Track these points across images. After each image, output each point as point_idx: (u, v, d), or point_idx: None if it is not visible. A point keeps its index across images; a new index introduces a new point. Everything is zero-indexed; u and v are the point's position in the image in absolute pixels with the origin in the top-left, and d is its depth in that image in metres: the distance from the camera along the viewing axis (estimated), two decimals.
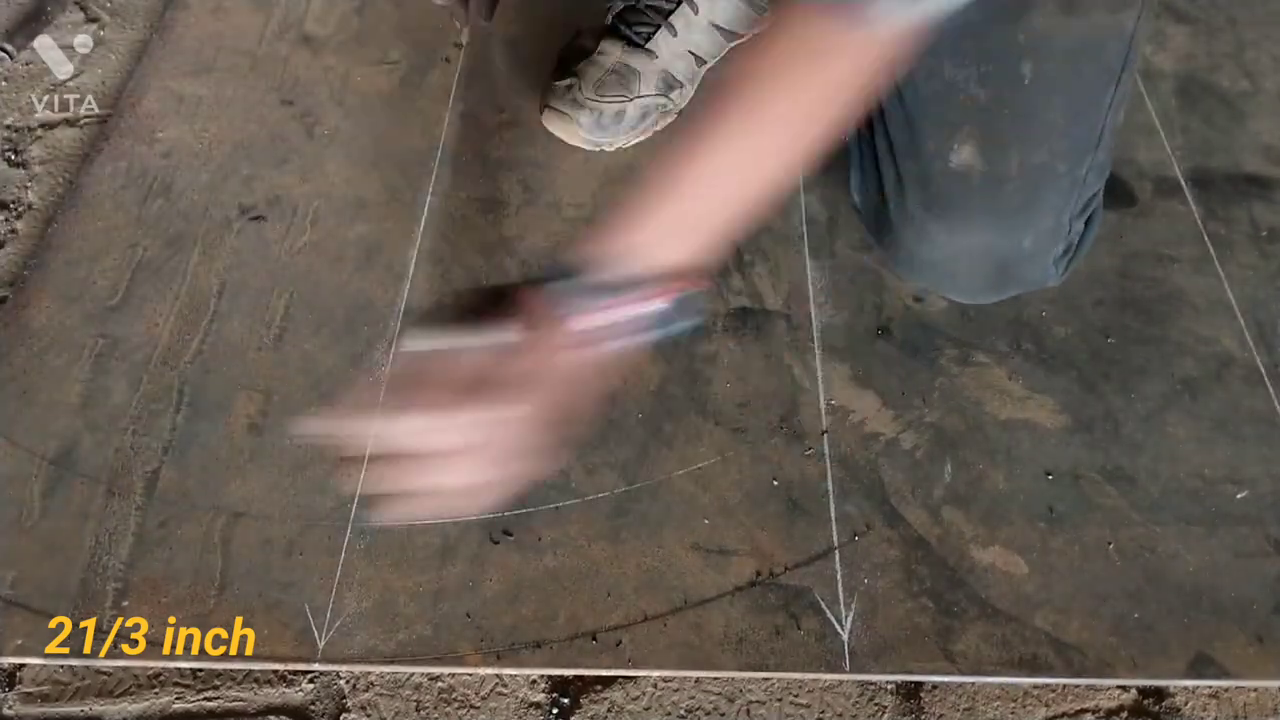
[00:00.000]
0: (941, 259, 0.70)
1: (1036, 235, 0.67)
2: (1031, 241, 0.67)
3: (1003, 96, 0.64)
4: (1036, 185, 0.66)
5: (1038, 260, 0.69)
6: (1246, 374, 0.72)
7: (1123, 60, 0.65)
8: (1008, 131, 0.62)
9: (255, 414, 0.69)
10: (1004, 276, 0.70)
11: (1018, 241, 0.67)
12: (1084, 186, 0.68)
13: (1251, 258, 0.79)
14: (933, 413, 0.70)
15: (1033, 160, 0.65)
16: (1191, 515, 0.65)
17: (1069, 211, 0.68)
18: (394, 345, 0.48)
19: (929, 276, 0.72)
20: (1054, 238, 0.68)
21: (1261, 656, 0.59)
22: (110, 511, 0.65)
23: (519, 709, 0.59)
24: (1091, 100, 0.65)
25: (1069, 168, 0.66)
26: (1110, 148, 0.69)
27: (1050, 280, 0.71)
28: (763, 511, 0.65)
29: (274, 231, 0.80)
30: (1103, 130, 0.67)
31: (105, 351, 0.73)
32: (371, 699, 0.59)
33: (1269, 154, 0.86)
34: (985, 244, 0.67)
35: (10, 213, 0.83)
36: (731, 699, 0.59)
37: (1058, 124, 0.65)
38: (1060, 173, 0.66)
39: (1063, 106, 0.64)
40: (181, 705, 0.59)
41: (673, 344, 0.73)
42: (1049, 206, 0.67)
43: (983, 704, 0.59)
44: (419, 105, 0.90)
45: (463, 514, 0.50)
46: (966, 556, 0.63)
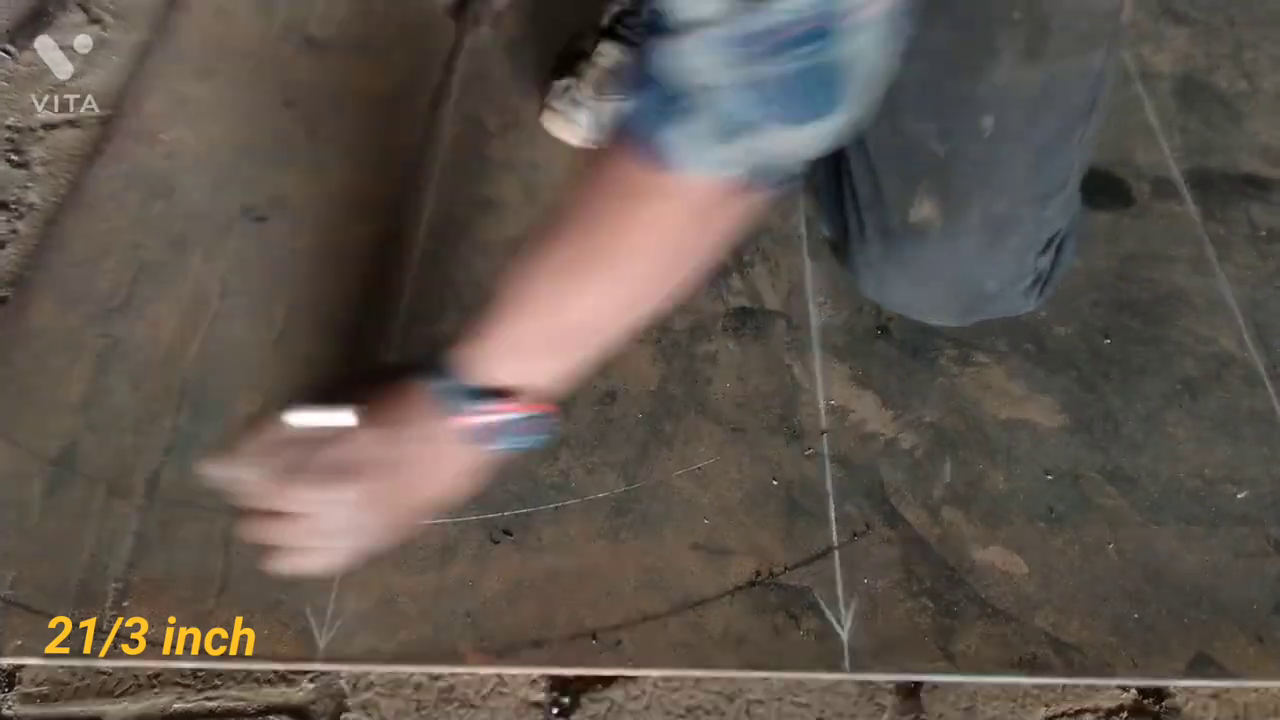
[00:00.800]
0: (905, 301, 0.71)
1: (999, 278, 0.67)
2: (995, 283, 0.67)
3: (963, 150, 0.62)
4: (997, 233, 0.65)
5: (1003, 297, 0.69)
6: (1246, 374, 0.72)
7: (1091, 99, 0.62)
8: (969, 185, 0.61)
9: (257, 414, 0.69)
10: (971, 311, 0.71)
11: (979, 286, 0.67)
12: (1049, 225, 0.67)
13: (1250, 258, 0.79)
14: (932, 413, 0.70)
15: (994, 210, 0.64)
16: (1191, 515, 0.65)
17: (1033, 251, 0.67)
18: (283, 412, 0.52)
19: (899, 309, 0.73)
20: (1017, 277, 0.68)
21: (1261, 656, 0.59)
22: (110, 511, 0.65)
23: (519, 708, 0.59)
24: (1057, 144, 0.63)
25: (1033, 212, 0.65)
26: (1079, 180, 0.67)
27: (1024, 308, 0.71)
28: (763, 511, 0.65)
29: (276, 232, 0.81)
30: (1070, 171, 0.65)
31: (107, 352, 0.73)
32: (372, 699, 0.59)
33: (1267, 154, 0.86)
34: (946, 289, 0.67)
35: (12, 213, 0.83)
36: (731, 698, 0.59)
37: (1019, 174, 0.63)
38: (1023, 218, 0.65)
39: (1026, 155, 0.62)
40: (181, 705, 0.59)
41: (672, 345, 0.74)
42: (1009, 251, 0.66)
43: (983, 704, 0.59)
44: (419, 106, 0.90)
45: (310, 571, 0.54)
46: (966, 556, 0.63)
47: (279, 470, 0.51)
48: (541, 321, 0.51)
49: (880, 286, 0.71)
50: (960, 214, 0.63)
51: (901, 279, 0.69)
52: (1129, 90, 0.91)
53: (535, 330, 0.52)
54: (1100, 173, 0.84)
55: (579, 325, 0.52)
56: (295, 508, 0.51)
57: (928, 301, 0.69)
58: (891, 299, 0.72)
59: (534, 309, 0.51)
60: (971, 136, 0.61)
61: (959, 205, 0.62)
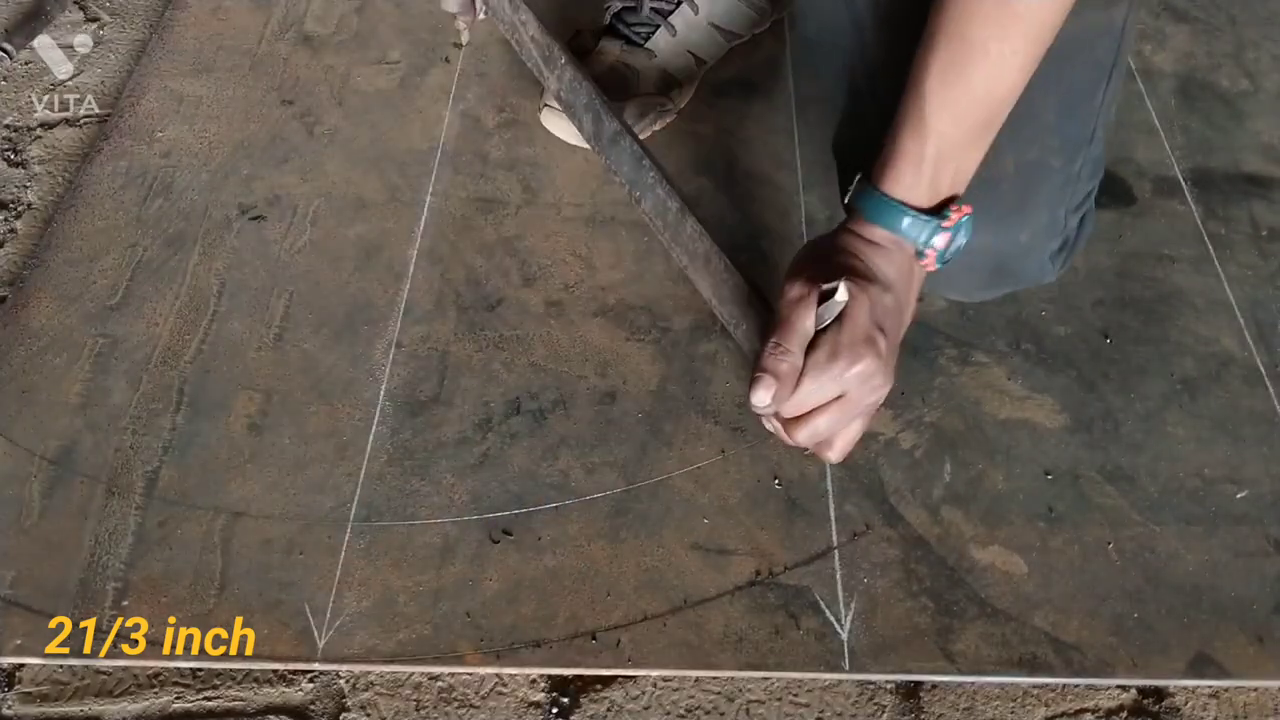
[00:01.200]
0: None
1: (1033, 231, 0.67)
2: (1028, 237, 0.67)
3: None
4: (1031, 182, 0.66)
5: (1034, 256, 0.69)
6: (1246, 374, 0.72)
7: (1114, 55, 0.65)
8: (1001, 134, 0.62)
9: (255, 414, 0.69)
10: (1000, 274, 0.70)
11: (1014, 237, 0.67)
12: (1079, 181, 0.68)
13: (1251, 258, 0.79)
14: (932, 412, 0.70)
15: (1026, 158, 0.65)
16: (1191, 515, 0.65)
17: (1064, 206, 0.68)
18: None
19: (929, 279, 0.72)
20: (1050, 233, 0.68)
21: (1261, 656, 0.59)
22: (110, 511, 0.65)
23: (519, 708, 0.59)
24: (1084, 96, 0.66)
25: (1063, 163, 0.66)
26: (1103, 143, 0.69)
27: (1047, 276, 0.71)
28: (762, 511, 0.65)
29: (274, 231, 0.80)
30: (1096, 126, 0.67)
31: (105, 351, 0.73)
32: (371, 698, 0.59)
33: (1269, 154, 0.86)
34: (982, 243, 0.67)
35: (10, 212, 0.83)
36: (731, 698, 0.59)
37: (1050, 122, 0.65)
38: (1055, 168, 0.66)
39: (1055, 105, 0.65)
40: (181, 705, 0.59)
41: (672, 345, 0.73)
42: (1044, 202, 0.67)
43: (982, 704, 0.59)
44: (419, 105, 0.90)
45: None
46: (966, 556, 0.63)
47: (820, 369, 0.54)
48: (958, 111, 0.55)
49: None
50: (994, 162, 0.63)
51: None
52: (1130, 88, 0.90)
53: (956, 122, 0.55)
54: None
55: (988, 101, 0.56)
56: (835, 392, 0.54)
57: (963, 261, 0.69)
58: None
59: (946, 102, 0.55)
60: None
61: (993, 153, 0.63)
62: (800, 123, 0.89)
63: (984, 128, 0.57)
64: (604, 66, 0.83)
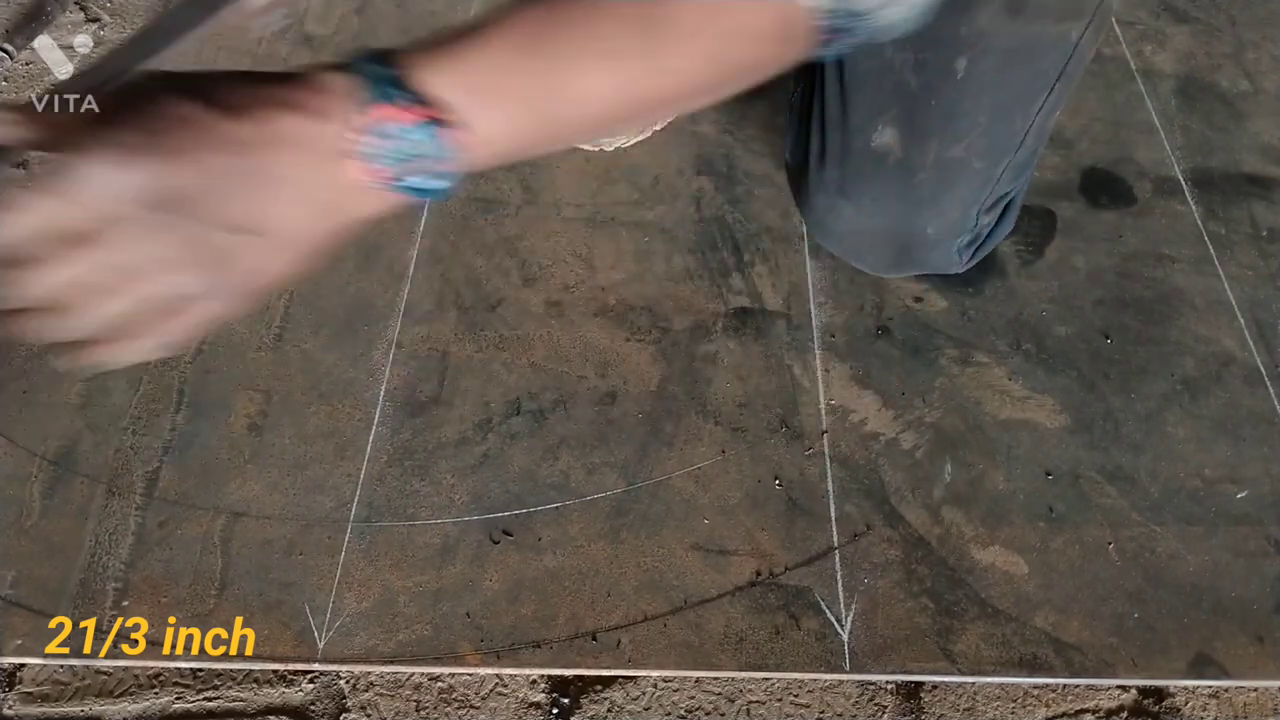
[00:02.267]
0: (848, 232, 0.70)
1: (940, 224, 0.67)
2: (934, 230, 0.68)
3: (933, 86, 0.64)
4: (948, 178, 0.66)
5: (940, 248, 0.69)
6: (1246, 374, 0.72)
7: (1060, 68, 0.64)
8: (931, 123, 0.63)
9: (255, 414, 0.69)
10: (905, 257, 0.70)
11: (921, 227, 0.67)
12: (997, 184, 0.68)
13: (1251, 258, 0.79)
14: (933, 413, 0.70)
15: (949, 154, 0.65)
16: (1192, 515, 0.65)
17: (977, 206, 0.68)
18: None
19: (837, 246, 0.73)
20: (958, 228, 0.68)
21: (1261, 656, 0.59)
22: (110, 511, 0.65)
23: (519, 709, 0.59)
24: (1020, 103, 0.65)
25: (985, 165, 0.66)
26: (1034, 151, 0.69)
27: (954, 267, 0.71)
28: (763, 511, 0.65)
29: None
30: (1026, 133, 0.67)
31: None
32: (371, 699, 0.59)
33: (1269, 154, 0.86)
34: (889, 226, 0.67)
35: None
36: (731, 699, 0.59)
37: (981, 122, 0.65)
38: (975, 169, 0.66)
39: (989, 106, 0.64)
40: (181, 705, 0.59)
41: (672, 345, 0.73)
42: (957, 199, 0.67)
43: (983, 704, 0.59)
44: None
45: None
46: (966, 556, 0.63)
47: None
48: (532, 63, 0.39)
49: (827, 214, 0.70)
50: (918, 149, 0.63)
51: (848, 208, 0.68)
52: (1130, 89, 0.90)
53: (517, 68, 0.39)
54: (1102, 171, 0.84)
55: (580, 84, 0.40)
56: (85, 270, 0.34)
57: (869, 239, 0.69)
58: (834, 231, 0.71)
59: (531, 46, 0.39)
60: (944, 74, 0.63)
61: (919, 140, 0.63)
62: None
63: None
64: None
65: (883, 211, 0.66)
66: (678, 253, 0.79)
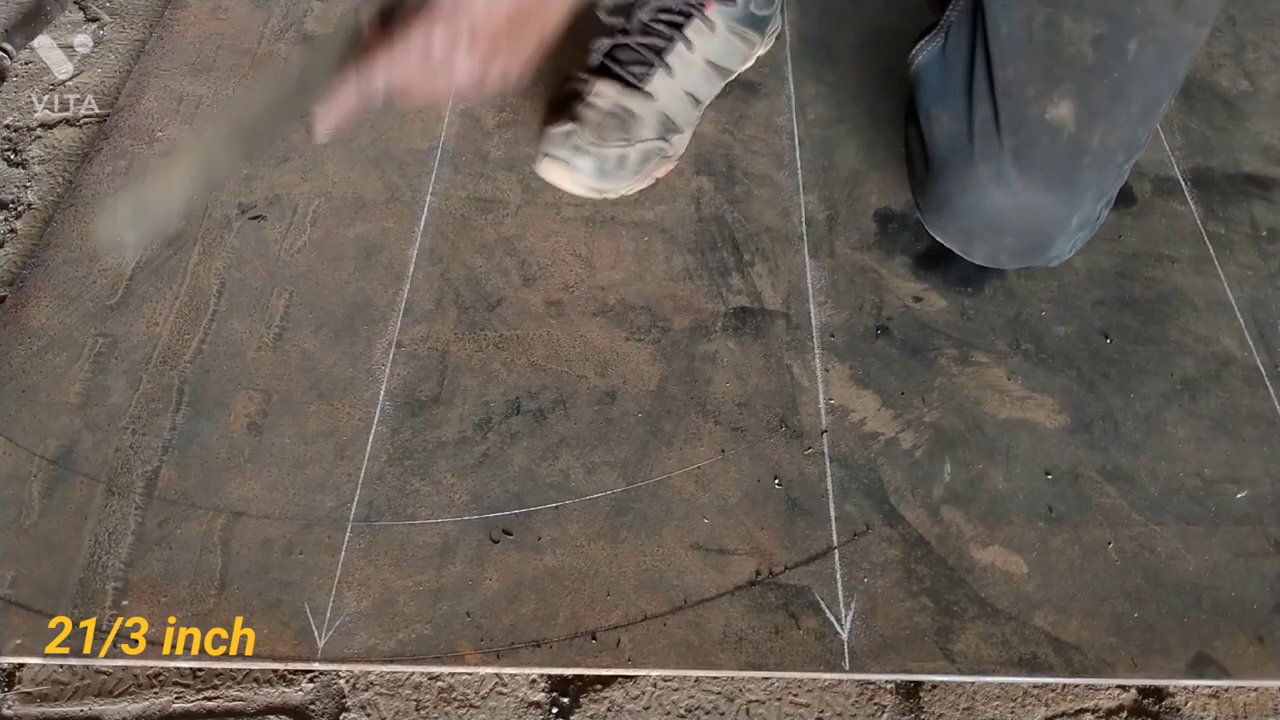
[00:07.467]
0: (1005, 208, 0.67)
1: (1083, 213, 0.67)
2: (1079, 218, 0.67)
3: (1107, 65, 0.64)
4: (1102, 165, 0.66)
5: (1072, 239, 0.69)
6: (1246, 374, 0.72)
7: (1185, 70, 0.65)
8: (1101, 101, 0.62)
9: (255, 413, 0.69)
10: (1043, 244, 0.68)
11: (1069, 215, 0.66)
12: (1121, 180, 0.68)
13: (1251, 258, 0.79)
14: (932, 412, 0.70)
15: (1109, 139, 0.65)
16: (1191, 515, 0.65)
17: (1106, 198, 0.68)
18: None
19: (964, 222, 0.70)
20: (1087, 219, 0.68)
21: (1261, 656, 0.59)
22: (110, 511, 0.65)
23: (519, 708, 0.59)
24: (1159, 101, 0.66)
25: (1124, 160, 0.67)
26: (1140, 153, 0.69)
27: (1061, 258, 0.71)
28: (762, 511, 0.65)
29: (274, 231, 0.80)
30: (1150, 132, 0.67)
31: (105, 350, 0.73)
32: (371, 698, 0.59)
33: (1269, 154, 0.86)
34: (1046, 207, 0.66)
35: (10, 212, 0.83)
36: (731, 698, 0.59)
37: (1134, 114, 0.65)
38: (1117, 161, 0.66)
39: (1143, 99, 0.65)
40: (181, 705, 0.59)
41: (672, 345, 0.73)
42: (1100, 189, 0.67)
43: (982, 704, 0.59)
44: (419, 105, 0.90)
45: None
46: (966, 556, 0.63)
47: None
48: None
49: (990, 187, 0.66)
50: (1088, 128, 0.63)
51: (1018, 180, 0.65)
52: None
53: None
54: None
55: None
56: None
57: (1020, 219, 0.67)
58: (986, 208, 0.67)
59: None
60: (1118, 53, 0.63)
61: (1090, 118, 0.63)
62: (800, 123, 0.89)
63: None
64: (603, 110, 0.79)
65: (1050, 187, 0.65)
66: (677, 252, 0.79)
